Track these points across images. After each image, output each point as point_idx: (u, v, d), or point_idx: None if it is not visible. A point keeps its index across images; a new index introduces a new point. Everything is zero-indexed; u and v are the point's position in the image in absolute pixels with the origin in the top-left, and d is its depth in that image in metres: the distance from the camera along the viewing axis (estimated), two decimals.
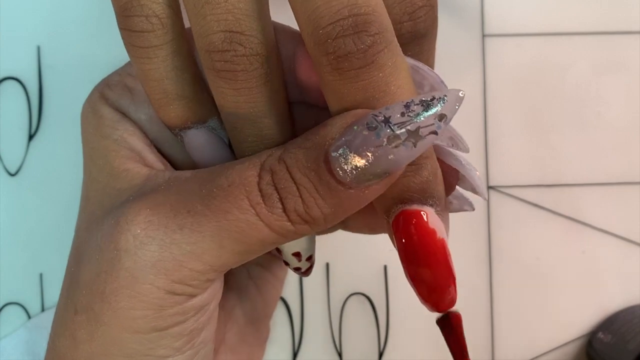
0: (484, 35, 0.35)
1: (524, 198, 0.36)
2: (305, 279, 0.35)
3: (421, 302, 0.21)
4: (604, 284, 0.36)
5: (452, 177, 0.23)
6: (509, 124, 0.36)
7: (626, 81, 0.36)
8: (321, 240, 0.26)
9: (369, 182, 0.19)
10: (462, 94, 0.19)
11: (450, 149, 0.22)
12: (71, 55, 0.35)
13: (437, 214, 0.21)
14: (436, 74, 0.21)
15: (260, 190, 0.19)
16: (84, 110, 0.23)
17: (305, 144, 0.19)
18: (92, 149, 0.23)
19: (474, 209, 0.24)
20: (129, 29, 0.20)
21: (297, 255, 0.23)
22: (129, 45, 0.21)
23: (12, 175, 0.35)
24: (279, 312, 0.35)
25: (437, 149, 0.22)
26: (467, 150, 0.22)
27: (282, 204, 0.19)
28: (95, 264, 0.20)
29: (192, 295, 0.20)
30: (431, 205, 0.21)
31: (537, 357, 0.35)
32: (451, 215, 0.27)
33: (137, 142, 0.22)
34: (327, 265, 0.35)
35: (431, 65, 0.23)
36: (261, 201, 0.19)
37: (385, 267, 0.35)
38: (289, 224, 0.19)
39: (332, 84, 0.19)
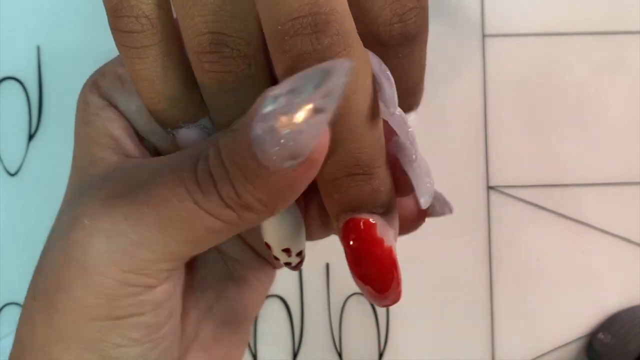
0: (484, 35, 0.35)
1: (524, 198, 0.35)
2: (305, 279, 0.35)
3: (366, 298, 0.22)
4: (604, 284, 0.36)
5: (407, 180, 0.23)
6: (509, 124, 0.36)
7: (626, 81, 0.36)
8: (321, 240, 0.26)
9: (288, 163, 0.18)
10: (348, 64, 0.18)
11: (411, 152, 0.22)
12: (71, 55, 0.35)
13: (387, 221, 0.21)
14: (392, 90, 0.21)
15: (197, 177, 0.19)
16: (78, 99, 0.23)
17: (235, 126, 0.19)
18: (78, 136, 0.23)
19: (452, 212, 0.24)
20: (120, 29, 0.20)
21: (286, 251, 0.23)
22: (120, 45, 0.21)
23: (12, 175, 0.35)
24: (279, 312, 0.35)
25: (396, 148, 0.23)
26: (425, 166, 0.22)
27: (217, 190, 0.19)
28: (53, 254, 0.20)
29: (149, 286, 0.20)
30: (381, 214, 0.21)
31: (537, 357, 0.35)
32: (451, 215, 0.27)
33: (118, 130, 0.22)
34: (327, 265, 0.35)
35: (422, 67, 0.23)
36: (198, 189, 0.19)
37: None
38: (229, 210, 0.19)
39: (282, 74, 0.19)
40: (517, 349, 0.35)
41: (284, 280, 0.35)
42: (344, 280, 0.35)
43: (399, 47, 0.21)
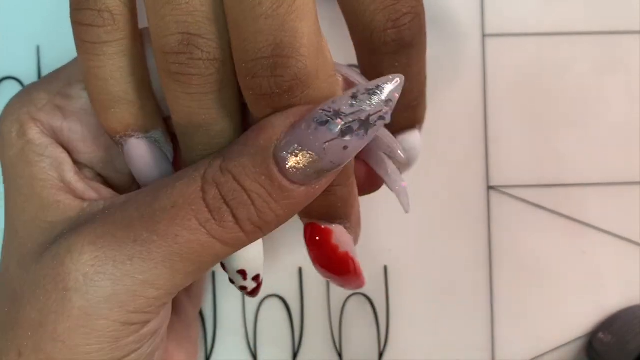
0: (484, 35, 0.35)
1: (524, 198, 0.35)
2: (305, 279, 0.35)
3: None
4: (604, 284, 0.36)
5: (379, 179, 0.24)
6: (509, 124, 0.36)
7: (626, 81, 0.36)
8: None
9: (320, 175, 0.19)
10: (401, 78, 0.19)
11: (385, 157, 0.23)
12: (71, 55, 0.35)
13: (346, 228, 0.22)
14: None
15: (208, 206, 0.19)
16: (5, 130, 0.22)
17: (248, 149, 0.19)
18: (16, 175, 0.21)
19: (407, 209, 0.25)
20: (80, 22, 0.20)
21: (242, 273, 0.23)
22: (78, 40, 0.20)
23: None
24: (279, 312, 0.35)
25: (369, 154, 0.23)
26: (404, 161, 0.23)
27: (234, 215, 0.19)
28: (41, 305, 0.19)
29: (147, 322, 0.20)
30: (340, 223, 0.22)
31: (537, 357, 0.35)
32: (451, 215, 0.27)
33: (67, 172, 0.21)
34: None
35: (422, 79, 0.23)
36: (210, 217, 0.19)
37: (385, 267, 0.35)
38: (242, 234, 0.19)
39: (254, 112, 0.19)
40: (517, 349, 0.35)
41: (284, 280, 0.35)
42: None
43: (395, 55, 0.21)
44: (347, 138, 0.18)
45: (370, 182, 0.24)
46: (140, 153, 0.21)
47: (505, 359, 0.35)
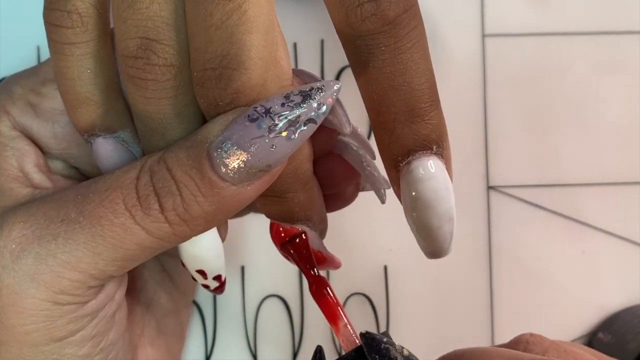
0: (484, 35, 0.35)
1: (524, 198, 0.36)
2: (305, 279, 0.35)
3: None
4: (604, 284, 0.36)
5: (353, 176, 0.25)
6: (509, 124, 0.36)
7: (626, 81, 0.36)
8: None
9: (251, 176, 0.19)
10: (338, 85, 0.19)
11: (360, 152, 0.23)
12: None
13: (308, 227, 0.23)
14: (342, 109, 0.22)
15: (137, 192, 0.19)
16: None
17: (187, 143, 0.19)
18: None
19: (383, 200, 0.25)
20: (50, 22, 0.20)
21: (201, 272, 0.23)
22: (49, 39, 0.21)
23: None
24: (279, 312, 0.35)
25: (344, 147, 0.24)
26: (373, 158, 0.24)
27: (160, 203, 0.19)
28: None
29: (82, 303, 0.20)
30: (301, 223, 0.23)
31: None
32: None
33: (27, 163, 0.22)
34: None
35: (423, 72, 0.20)
36: (137, 203, 0.19)
37: (385, 267, 0.35)
38: (166, 225, 0.19)
39: (208, 119, 0.20)
40: None
41: (284, 280, 0.35)
42: (344, 280, 0.35)
43: (378, 35, 0.19)
44: (273, 136, 0.18)
45: (344, 176, 0.24)
46: (107, 153, 0.21)
47: None
